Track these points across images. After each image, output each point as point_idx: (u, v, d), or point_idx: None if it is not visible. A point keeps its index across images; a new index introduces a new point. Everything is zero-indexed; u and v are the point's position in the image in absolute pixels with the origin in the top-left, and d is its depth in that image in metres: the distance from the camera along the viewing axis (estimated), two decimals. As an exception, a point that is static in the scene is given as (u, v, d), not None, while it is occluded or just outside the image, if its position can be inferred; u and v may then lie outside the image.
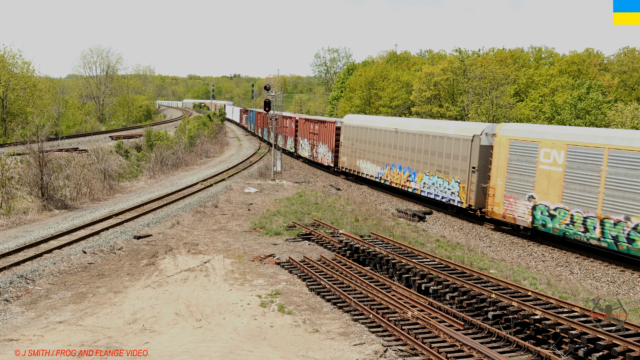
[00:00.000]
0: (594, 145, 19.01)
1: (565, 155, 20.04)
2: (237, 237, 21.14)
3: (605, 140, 18.83)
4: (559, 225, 20.06)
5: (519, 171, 21.97)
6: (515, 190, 22.07)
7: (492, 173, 23.23)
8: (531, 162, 21.43)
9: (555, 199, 20.32)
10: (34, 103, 55.90)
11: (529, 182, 21.50)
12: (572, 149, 19.82)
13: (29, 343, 11.46)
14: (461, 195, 25.02)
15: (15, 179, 26.96)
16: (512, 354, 11.44)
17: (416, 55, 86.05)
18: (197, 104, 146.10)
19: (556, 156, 20.46)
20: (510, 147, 22.37)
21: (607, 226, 18.30)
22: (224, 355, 11.07)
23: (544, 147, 20.93)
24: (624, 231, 17.69)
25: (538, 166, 21.12)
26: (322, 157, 41.32)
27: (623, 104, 47.83)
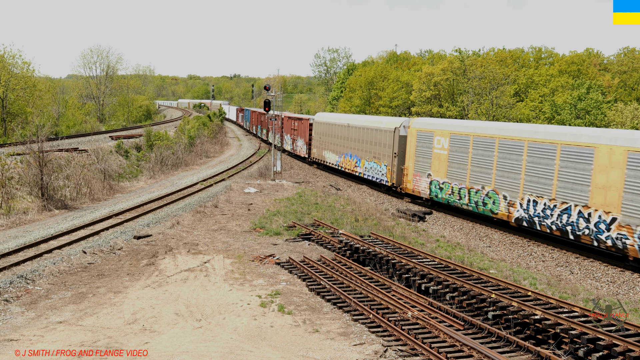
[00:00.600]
0: (465, 133, 24.96)
1: (449, 141, 25.80)
2: (237, 237, 21.14)
3: (472, 130, 24.69)
4: (445, 195, 26.11)
5: (421, 155, 27.99)
6: (420, 170, 28.14)
7: (406, 157, 29.35)
8: (429, 147, 27.41)
9: (443, 175, 26.42)
10: (34, 103, 55.92)
11: (428, 163, 27.48)
12: (453, 136, 25.57)
13: (29, 343, 11.46)
14: (387, 176, 30.96)
15: (15, 179, 26.96)
16: (512, 354, 11.44)
17: (416, 55, 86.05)
18: (197, 104, 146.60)
19: (444, 142, 26.29)
20: (417, 136, 28.33)
21: (472, 194, 24.34)
22: (224, 355, 11.07)
23: (437, 135, 26.75)
24: (481, 197, 23.81)
25: (433, 151, 27.07)
26: (299, 150, 47.24)
27: (623, 104, 47.82)
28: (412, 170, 28.59)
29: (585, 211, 19.02)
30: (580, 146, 19.48)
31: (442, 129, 26.64)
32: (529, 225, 21.43)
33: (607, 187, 18.42)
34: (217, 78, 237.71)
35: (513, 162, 22.24)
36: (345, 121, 38.13)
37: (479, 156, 23.97)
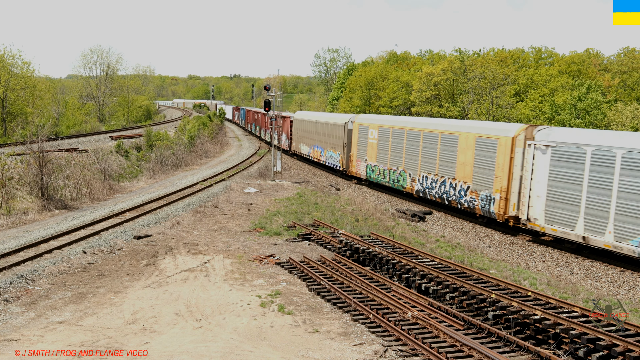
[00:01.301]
0: (387, 126, 31.85)
1: (378, 133, 32.60)
2: (237, 237, 21.14)
3: (391, 123, 32.09)
4: (375, 175, 32.92)
5: (361, 144, 34.56)
6: (360, 156, 34.85)
7: (352, 147, 35.99)
8: (365, 138, 34.04)
9: (374, 160, 33.03)
10: (34, 103, 55.94)
11: (364, 150, 34.12)
12: (380, 129, 32.41)
13: (29, 343, 11.47)
14: (340, 162, 38.24)
15: (15, 179, 26.97)
16: (512, 354, 11.44)
17: (416, 55, 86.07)
18: (196, 104, 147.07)
19: (375, 134, 32.88)
20: (359, 129, 34.97)
21: (391, 173, 31.12)
22: (224, 356, 11.07)
23: (370, 128, 33.53)
24: (396, 176, 30.53)
25: (368, 141, 33.72)
26: (283, 144, 52.10)
27: (623, 104, 47.82)
28: (355, 157, 35.54)
29: (454, 182, 25.53)
30: (451, 134, 25.75)
31: (374, 122, 33.52)
32: (423, 195, 28.00)
33: (465, 163, 24.72)
34: (217, 78, 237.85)
35: (415, 148, 28.80)
36: (314, 118, 44.59)
37: (395, 144, 30.67)
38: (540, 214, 20.53)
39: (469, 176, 24.32)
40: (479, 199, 23.61)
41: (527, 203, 21.18)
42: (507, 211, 22.27)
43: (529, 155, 21.20)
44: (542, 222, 20.48)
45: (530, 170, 21.06)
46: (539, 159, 20.69)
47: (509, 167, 22.18)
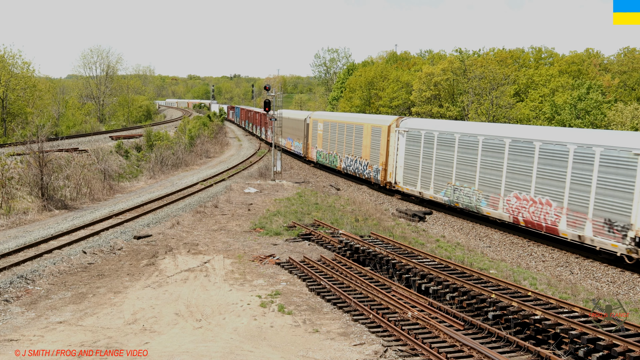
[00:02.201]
0: (328, 120, 40.11)
1: (323, 126, 40.82)
2: (237, 237, 21.14)
3: (330, 118, 40.08)
4: (321, 159, 41.22)
5: (313, 135, 42.96)
6: (313, 144, 43.32)
7: (309, 137, 44.27)
8: (316, 130, 42.39)
9: (321, 147, 41.36)
10: (34, 103, 55.94)
11: (315, 139, 42.42)
12: (325, 123, 40.62)
13: (29, 343, 11.47)
14: (302, 150, 46.30)
15: (15, 179, 26.97)
16: (512, 354, 11.44)
17: (416, 55, 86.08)
18: (196, 104, 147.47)
19: (322, 127, 41.18)
20: (312, 124, 43.18)
21: (330, 157, 39.20)
22: (224, 356, 11.07)
23: (319, 122, 41.76)
24: (333, 158, 38.72)
25: (317, 132, 41.99)
26: (269, 138, 60.46)
27: (623, 104, 47.82)
28: (310, 145, 44.04)
29: (360, 160, 34.39)
30: (360, 124, 34.53)
31: (321, 118, 42.15)
32: (346, 171, 36.53)
33: (366, 146, 33.48)
34: (217, 78, 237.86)
35: (342, 136, 36.80)
36: (287, 115, 51.62)
37: (332, 134, 38.70)
38: (401, 178, 29.85)
39: (368, 155, 33.41)
40: (373, 170, 32.71)
41: (394, 172, 30.46)
42: (385, 178, 31.49)
43: (395, 138, 30.15)
44: (402, 184, 29.82)
45: (396, 149, 30.11)
46: (401, 141, 29.74)
47: (386, 147, 31.17)
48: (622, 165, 17.54)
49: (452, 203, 25.58)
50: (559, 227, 19.76)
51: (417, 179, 28.10)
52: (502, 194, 22.45)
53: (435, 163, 26.66)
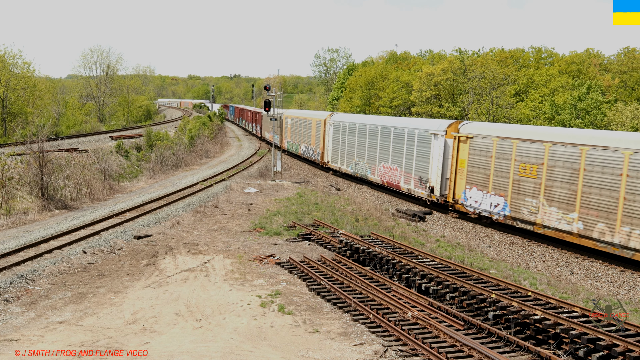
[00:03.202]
0: (295, 117, 47.78)
1: (291, 121, 49.24)
2: (237, 237, 21.14)
3: (296, 114, 47.71)
4: (290, 148, 50.06)
5: (286, 129, 50.72)
6: (285, 136, 51.13)
7: (282, 130, 50.47)
8: (287, 125, 50.36)
9: (290, 138, 50.02)
10: (34, 103, 55.95)
11: (287, 132, 50.78)
12: (292, 119, 49.06)
13: (29, 343, 11.47)
14: (279, 142, 47.54)
15: (16, 179, 26.97)
16: (512, 354, 11.44)
17: (416, 55, 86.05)
18: (197, 104, 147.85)
19: (290, 122, 49.68)
20: (284, 120, 49.80)
21: (296, 146, 47.43)
22: (224, 356, 11.07)
23: (288, 118, 49.95)
24: (297, 147, 47.36)
25: (287, 126, 50.45)
26: (257, 132, 72.62)
27: (623, 104, 47.82)
28: (283, 137, 51.55)
29: (311, 147, 43.47)
30: (310, 119, 43.34)
31: (290, 115, 50.19)
32: (304, 157, 45.08)
33: (312, 136, 42.84)
34: (217, 78, 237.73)
35: (300, 129, 45.11)
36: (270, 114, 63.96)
37: (295, 128, 46.30)
38: (330, 158, 39.45)
39: (314, 143, 42.63)
40: (316, 154, 42.20)
41: (327, 154, 40.05)
42: (323, 159, 41.22)
43: (327, 129, 39.84)
44: (331, 162, 39.21)
45: (329, 137, 39.32)
46: (330, 130, 39.33)
47: (323, 136, 40.94)
48: (426, 141, 27.01)
49: (355, 174, 35.20)
50: (401, 185, 29.55)
51: (338, 158, 38.01)
52: (377, 164, 32.16)
53: (347, 145, 36.26)
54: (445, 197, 25.97)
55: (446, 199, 25.85)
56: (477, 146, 23.63)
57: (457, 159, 24.81)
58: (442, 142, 25.84)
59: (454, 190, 25.15)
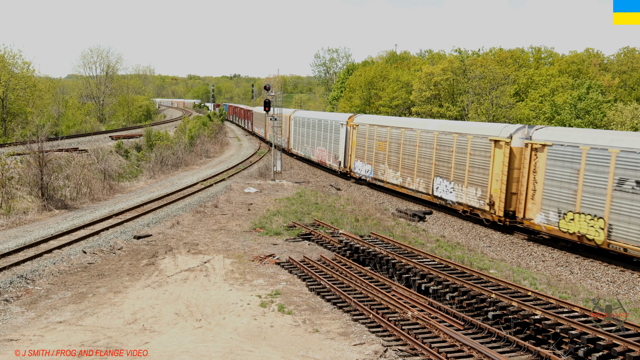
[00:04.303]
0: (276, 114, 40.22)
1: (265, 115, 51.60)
2: (237, 237, 21.14)
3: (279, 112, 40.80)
4: (271, 140, 49.84)
5: (267, 124, 57.27)
6: (269, 131, 54.47)
7: (266, 125, 59.33)
8: (267, 120, 52.16)
9: (270, 132, 51.06)
10: (34, 103, 55.92)
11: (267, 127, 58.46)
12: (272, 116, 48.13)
13: (29, 343, 11.47)
14: (264, 135, 62.44)
15: (15, 179, 26.96)
16: (512, 354, 11.44)
17: (416, 55, 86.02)
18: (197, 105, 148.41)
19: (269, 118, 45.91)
20: (266, 117, 49.63)
21: (276, 139, 41.03)
22: (224, 355, 11.07)
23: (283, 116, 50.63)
24: (280, 139, 46.27)
25: (267, 121, 53.32)
26: (248, 127, 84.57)
27: (623, 104, 47.82)
28: (267, 131, 59.86)
29: (282, 138, 49.57)
30: (282, 116, 40.82)
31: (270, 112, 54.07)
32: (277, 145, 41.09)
33: (284, 129, 49.53)
34: (217, 78, 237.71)
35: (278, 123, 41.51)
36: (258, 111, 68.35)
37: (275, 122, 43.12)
38: (293, 146, 49.25)
39: (284, 134, 50.35)
40: (285, 142, 50.50)
41: (291, 143, 49.53)
42: (289, 148, 50.07)
43: (292, 122, 48.49)
44: (294, 150, 48.95)
45: (292, 129, 48.48)
46: (293, 124, 48.35)
47: (288, 128, 50.06)
48: (337, 129, 38.40)
49: (305, 155, 46.08)
50: (326, 162, 40.62)
51: (298, 145, 48.01)
52: (315, 148, 43.13)
53: (301, 135, 46.78)
54: (346, 168, 36.76)
55: (350, 173, 36.37)
56: (359, 131, 34.73)
57: (351, 141, 35.82)
58: (345, 130, 36.84)
59: (350, 162, 36.18)
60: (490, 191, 22.88)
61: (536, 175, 20.83)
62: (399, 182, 29.82)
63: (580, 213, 18.91)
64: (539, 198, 20.72)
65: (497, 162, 22.62)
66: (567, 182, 19.63)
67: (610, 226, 17.73)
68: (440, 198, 26.57)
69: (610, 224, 17.83)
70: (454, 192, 25.49)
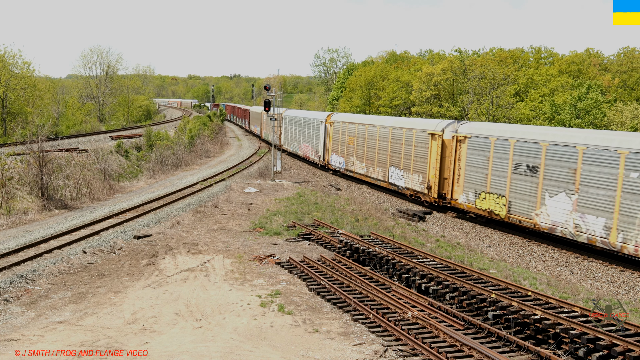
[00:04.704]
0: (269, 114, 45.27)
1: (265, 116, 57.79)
2: (237, 237, 21.14)
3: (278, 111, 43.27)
4: (266, 137, 61.36)
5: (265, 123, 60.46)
6: (263, 129, 64.49)
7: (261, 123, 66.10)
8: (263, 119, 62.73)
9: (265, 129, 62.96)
10: (34, 103, 55.94)
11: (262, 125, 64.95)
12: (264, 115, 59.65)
13: (29, 343, 11.47)
14: (259, 132, 68.22)
15: (15, 179, 26.96)
16: (512, 354, 11.44)
17: (416, 55, 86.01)
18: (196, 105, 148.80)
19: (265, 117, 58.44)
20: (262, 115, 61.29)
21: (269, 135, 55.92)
22: (224, 355, 11.07)
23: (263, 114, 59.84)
24: (268, 135, 58.68)
25: (263, 120, 63.33)
26: (245, 125, 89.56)
27: (623, 104, 47.81)
28: (261, 129, 66.21)
29: (264, 132, 64.03)
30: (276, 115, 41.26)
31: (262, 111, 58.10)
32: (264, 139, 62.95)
33: (263, 124, 64.10)
34: (217, 78, 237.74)
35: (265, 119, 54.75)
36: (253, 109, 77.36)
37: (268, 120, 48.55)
38: (284, 143, 51.30)
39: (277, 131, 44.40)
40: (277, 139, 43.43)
41: (282, 140, 50.20)
42: (280, 144, 47.57)
43: (283, 121, 48.96)
44: (285, 146, 50.75)
45: (283, 127, 50.23)
46: (284, 122, 49.97)
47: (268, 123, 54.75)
48: (318, 127, 42.04)
49: (293, 151, 49.77)
50: (309, 156, 44.44)
51: (287, 142, 51.17)
52: (300, 143, 47.14)
53: (290, 132, 50.44)
54: (325, 161, 40.91)
55: (328, 166, 40.42)
56: (335, 128, 38.91)
57: (329, 137, 39.96)
58: (324, 126, 40.70)
59: (328, 156, 40.27)
60: (429, 177, 26.62)
61: (460, 162, 24.96)
62: (364, 172, 34.22)
63: (490, 193, 23.08)
64: (462, 181, 24.85)
65: (433, 152, 26.33)
66: (481, 167, 23.72)
67: (510, 203, 21.87)
68: (394, 185, 30.52)
69: (510, 200, 21.94)
70: (403, 179, 29.54)
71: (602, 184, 17.78)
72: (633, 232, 16.78)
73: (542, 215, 20.18)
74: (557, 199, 19.54)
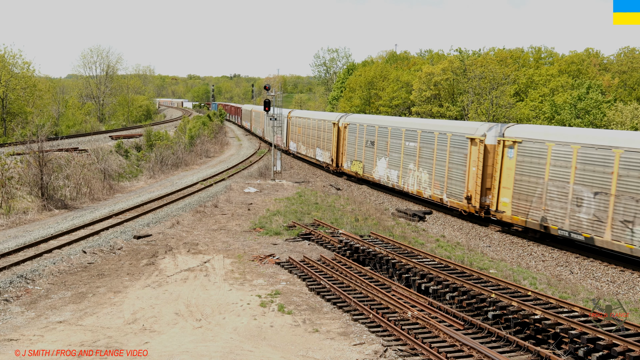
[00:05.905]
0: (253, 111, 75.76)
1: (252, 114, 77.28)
2: (237, 236, 21.14)
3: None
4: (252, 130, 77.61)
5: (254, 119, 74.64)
6: (253, 125, 76.57)
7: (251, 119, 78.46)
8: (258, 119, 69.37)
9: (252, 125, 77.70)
10: (34, 103, 55.99)
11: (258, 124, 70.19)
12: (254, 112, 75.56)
13: (28, 343, 11.47)
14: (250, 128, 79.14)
15: (15, 179, 26.95)
16: (512, 353, 11.44)
17: (416, 55, 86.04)
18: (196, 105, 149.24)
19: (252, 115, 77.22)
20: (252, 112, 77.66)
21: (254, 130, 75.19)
22: (224, 355, 11.07)
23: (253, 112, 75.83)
24: (255, 129, 73.61)
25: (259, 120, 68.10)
26: (239, 122, 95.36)
27: (623, 104, 47.81)
28: (250, 124, 77.23)
29: (252, 126, 76.47)
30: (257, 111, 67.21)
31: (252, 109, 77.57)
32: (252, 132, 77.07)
33: (261, 122, 65.62)
34: (217, 78, 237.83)
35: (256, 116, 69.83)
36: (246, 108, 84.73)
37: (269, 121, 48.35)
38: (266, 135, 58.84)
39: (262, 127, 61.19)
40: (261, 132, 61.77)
41: (264, 133, 61.05)
42: (264, 136, 60.86)
43: (267, 119, 46.98)
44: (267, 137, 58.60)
45: (265, 122, 56.58)
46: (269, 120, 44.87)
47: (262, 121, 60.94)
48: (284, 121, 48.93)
49: (270, 141, 52.30)
50: (280, 145, 48.09)
51: (269, 134, 56.51)
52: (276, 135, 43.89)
53: (269, 126, 51.49)
54: (287, 146, 51.28)
55: (288, 150, 51.06)
56: (293, 122, 49.50)
57: (289, 129, 50.74)
58: (286, 121, 50.63)
59: (288, 143, 51.17)
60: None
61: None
62: (304, 153, 46.52)
63: (294, 143, 49.46)
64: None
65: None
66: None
67: (297, 147, 46.73)
68: (317, 159, 43.28)
69: (298, 146, 48.33)
70: (322, 155, 42.05)
71: (396, 150, 30.34)
72: (407, 178, 29.33)
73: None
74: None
